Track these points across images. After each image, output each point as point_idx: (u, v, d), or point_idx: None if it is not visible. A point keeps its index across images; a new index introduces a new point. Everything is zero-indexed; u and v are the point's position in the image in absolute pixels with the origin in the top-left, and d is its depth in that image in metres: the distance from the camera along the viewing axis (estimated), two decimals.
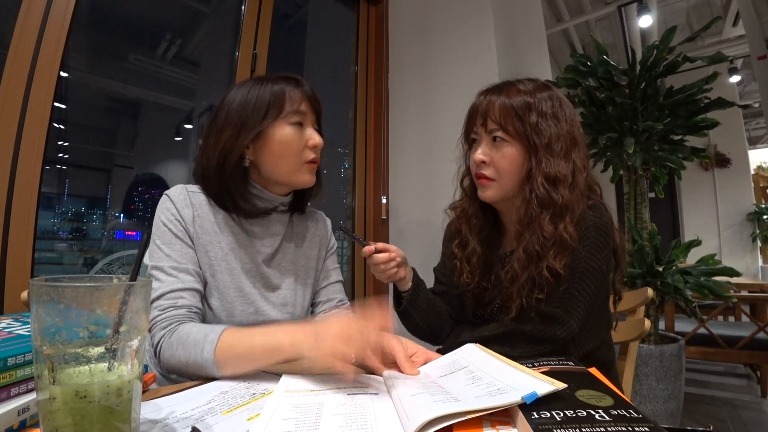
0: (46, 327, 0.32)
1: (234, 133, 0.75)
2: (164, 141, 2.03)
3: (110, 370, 0.34)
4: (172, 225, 0.75)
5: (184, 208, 0.77)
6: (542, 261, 0.72)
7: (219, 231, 0.79)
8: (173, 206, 0.76)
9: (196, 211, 0.78)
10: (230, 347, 0.61)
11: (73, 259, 1.61)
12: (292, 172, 0.79)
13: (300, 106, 0.78)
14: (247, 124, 0.75)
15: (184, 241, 0.75)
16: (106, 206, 1.75)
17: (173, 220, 0.75)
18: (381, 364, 0.64)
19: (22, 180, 1.11)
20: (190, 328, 0.65)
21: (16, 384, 0.41)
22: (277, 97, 0.77)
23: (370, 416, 0.45)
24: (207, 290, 0.76)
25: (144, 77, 1.82)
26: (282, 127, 0.77)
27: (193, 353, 0.62)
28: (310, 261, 0.90)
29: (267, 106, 0.76)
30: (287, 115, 0.77)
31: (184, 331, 0.64)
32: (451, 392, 0.48)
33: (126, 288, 0.35)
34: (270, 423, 0.43)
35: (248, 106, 0.76)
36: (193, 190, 0.80)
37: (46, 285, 0.32)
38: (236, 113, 0.76)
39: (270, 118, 0.76)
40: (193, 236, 0.76)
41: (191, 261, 0.75)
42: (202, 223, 0.78)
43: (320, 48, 2.43)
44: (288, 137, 0.77)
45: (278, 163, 0.78)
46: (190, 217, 0.77)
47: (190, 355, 0.62)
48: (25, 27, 1.14)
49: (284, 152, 0.77)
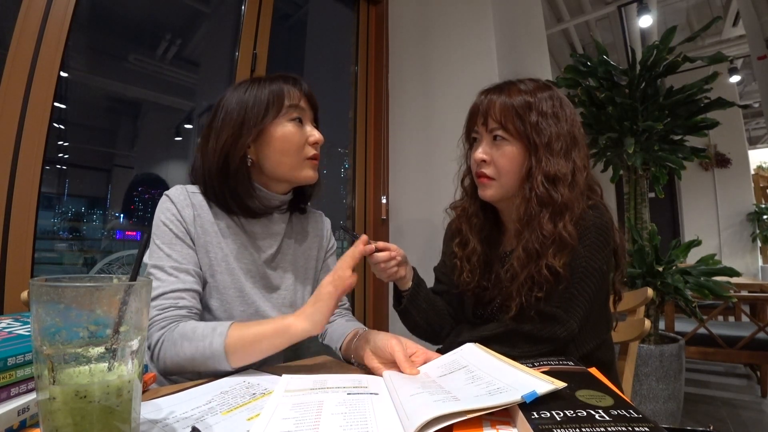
0: (46, 327, 0.32)
1: (235, 133, 0.75)
2: (164, 141, 2.03)
3: (110, 370, 0.34)
4: (172, 225, 0.75)
5: (184, 208, 0.77)
6: (541, 259, 0.72)
7: (219, 231, 0.79)
8: (174, 206, 0.76)
9: (197, 211, 0.78)
10: (240, 336, 0.63)
11: (73, 259, 1.61)
12: (295, 168, 0.79)
13: (299, 102, 0.79)
14: (248, 123, 0.76)
15: (185, 242, 0.75)
16: (106, 206, 1.75)
17: (174, 220, 0.75)
18: (381, 364, 0.64)
19: (22, 180, 1.11)
20: (194, 324, 0.66)
21: (16, 384, 0.41)
22: (276, 95, 0.77)
23: (370, 416, 0.45)
24: (206, 290, 0.76)
25: (144, 77, 1.82)
26: (282, 124, 0.77)
27: (201, 346, 0.62)
28: (309, 261, 0.90)
29: (266, 105, 0.76)
30: (287, 111, 0.78)
31: (189, 327, 0.65)
32: (450, 392, 0.48)
33: (126, 288, 0.35)
34: (270, 423, 0.43)
35: (247, 105, 0.76)
36: (192, 190, 0.80)
37: (46, 285, 0.32)
38: (235, 113, 0.76)
39: (270, 116, 0.76)
40: (194, 236, 0.76)
41: (192, 262, 0.74)
42: (202, 224, 0.78)
43: (320, 48, 2.43)
44: (289, 134, 0.78)
45: (281, 160, 0.78)
46: (191, 217, 0.77)
47: (198, 348, 0.62)
48: (25, 27, 1.14)
49: (286, 149, 0.78)
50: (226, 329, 0.63)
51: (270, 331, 0.63)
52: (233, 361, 0.62)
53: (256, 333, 0.63)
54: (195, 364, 0.63)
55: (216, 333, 0.63)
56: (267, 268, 0.83)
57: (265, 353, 0.64)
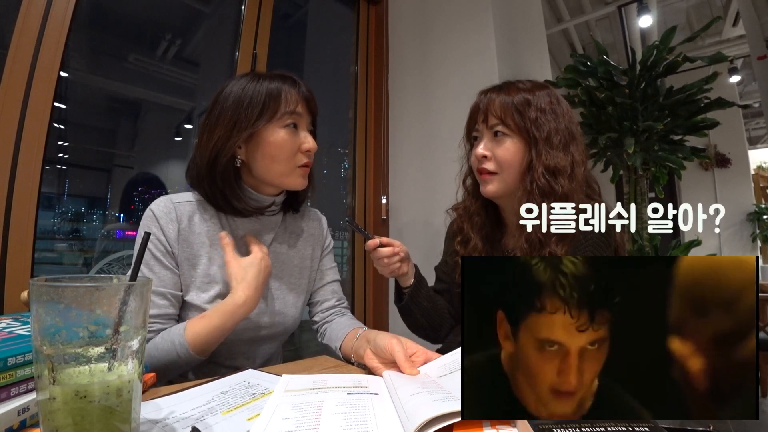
0: (46, 327, 0.32)
1: (226, 132, 0.74)
2: (164, 141, 2.03)
3: (110, 370, 0.34)
4: (152, 246, 0.73)
5: (167, 225, 0.75)
6: (544, 248, 0.74)
7: (207, 242, 0.78)
8: (156, 223, 0.75)
9: (182, 224, 0.76)
10: (193, 327, 0.68)
11: (73, 259, 1.61)
12: (284, 175, 0.78)
13: (296, 108, 0.76)
14: (240, 124, 0.73)
15: (163, 263, 0.74)
16: (106, 206, 1.75)
17: (155, 240, 0.74)
18: (381, 364, 0.64)
19: (22, 180, 1.11)
20: (152, 341, 0.69)
21: (16, 384, 0.41)
22: (273, 98, 0.74)
23: (370, 416, 0.45)
24: (196, 301, 0.76)
25: (144, 77, 1.82)
26: (275, 129, 0.75)
27: (168, 348, 0.67)
28: (304, 260, 0.89)
29: (261, 107, 0.74)
30: (282, 117, 0.75)
31: (150, 345, 0.68)
32: (450, 392, 0.48)
33: (126, 288, 0.35)
34: (270, 423, 0.43)
35: (242, 104, 0.74)
36: (179, 200, 0.78)
37: (46, 285, 0.32)
38: (230, 111, 0.74)
39: (264, 119, 0.74)
40: (177, 253, 0.75)
41: (169, 285, 0.74)
42: (187, 237, 0.76)
43: (320, 48, 2.43)
44: (281, 141, 0.75)
45: (270, 165, 0.76)
46: (174, 233, 0.75)
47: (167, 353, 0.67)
48: (25, 27, 1.14)
49: (276, 155, 0.76)
50: (183, 329, 0.68)
51: (219, 311, 0.69)
52: (200, 351, 0.68)
53: (207, 316, 0.69)
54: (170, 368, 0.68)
55: (175, 333, 0.68)
56: None
57: (224, 332, 0.70)
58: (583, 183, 0.80)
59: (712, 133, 2.60)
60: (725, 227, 5.24)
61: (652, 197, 2.16)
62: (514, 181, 0.82)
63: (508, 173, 0.81)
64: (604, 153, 2.14)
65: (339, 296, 0.92)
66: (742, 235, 5.19)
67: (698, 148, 2.06)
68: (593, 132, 2.07)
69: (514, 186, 0.82)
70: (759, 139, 7.51)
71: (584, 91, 2.10)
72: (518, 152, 0.81)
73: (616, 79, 2.08)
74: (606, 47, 2.43)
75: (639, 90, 2.04)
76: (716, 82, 1.95)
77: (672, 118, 1.98)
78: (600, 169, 2.23)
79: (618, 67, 2.08)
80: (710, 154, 5.17)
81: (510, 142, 0.81)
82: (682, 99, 1.95)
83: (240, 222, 0.82)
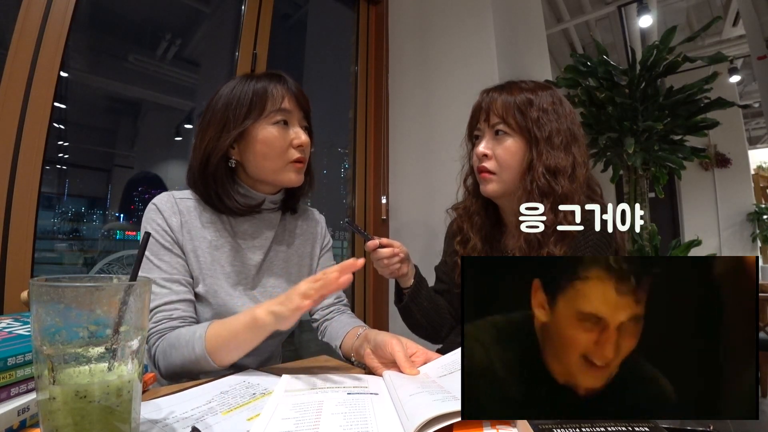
0: (46, 327, 0.32)
1: (216, 133, 0.75)
2: (164, 141, 2.03)
3: (110, 370, 0.34)
4: (159, 236, 0.74)
5: (171, 216, 0.76)
6: (543, 248, 0.74)
7: (208, 238, 0.78)
8: (160, 215, 0.75)
9: (184, 218, 0.77)
10: (217, 336, 0.63)
11: (73, 259, 1.61)
12: (277, 171, 0.78)
13: (282, 104, 0.76)
14: (229, 124, 0.75)
15: (173, 252, 0.74)
16: (106, 206, 1.75)
17: (160, 230, 0.74)
18: (381, 364, 0.64)
19: (22, 180, 1.11)
20: (178, 331, 0.67)
21: (16, 384, 0.41)
22: (260, 96, 0.75)
23: (370, 416, 0.45)
24: (198, 298, 0.76)
25: (144, 77, 1.82)
26: (264, 127, 0.76)
27: (186, 353, 0.63)
28: (303, 259, 0.89)
29: (249, 106, 0.75)
30: (269, 114, 0.76)
31: (174, 335, 0.66)
32: (450, 392, 0.48)
33: (126, 288, 0.35)
34: (270, 423, 0.43)
35: (231, 105, 0.75)
36: (180, 196, 0.79)
37: (46, 285, 0.32)
38: (220, 113, 0.76)
39: (251, 118, 0.75)
40: (182, 243, 0.75)
41: (182, 271, 0.74)
42: (190, 229, 0.77)
43: (320, 48, 2.43)
44: (271, 137, 0.76)
45: (262, 163, 0.77)
46: (178, 224, 0.76)
47: (184, 355, 0.63)
48: (25, 27, 1.13)
49: (268, 152, 0.76)
50: (205, 331, 0.64)
51: (242, 327, 0.62)
52: (218, 361, 0.62)
53: (231, 331, 0.63)
54: (187, 369, 0.64)
55: (196, 337, 0.64)
56: (258, 273, 0.82)
57: (246, 347, 0.63)
58: (584, 184, 0.80)
59: (712, 133, 2.60)
60: (725, 227, 5.24)
61: (652, 197, 2.16)
62: (514, 180, 0.82)
63: (507, 173, 0.81)
64: (604, 153, 2.15)
65: (338, 294, 0.92)
66: (742, 235, 5.19)
67: (698, 148, 2.06)
68: (593, 132, 2.07)
69: (513, 186, 0.82)
70: (759, 139, 7.51)
71: (584, 91, 2.10)
72: (519, 151, 0.80)
73: (616, 79, 2.08)
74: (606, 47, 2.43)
75: (639, 90, 2.04)
76: (716, 82, 1.95)
77: (672, 118, 1.98)
78: (600, 169, 2.23)
79: (618, 67, 2.08)
80: (710, 154, 5.17)
81: (511, 141, 0.81)
82: (682, 99, 1.95)
83: (239, 221, 0.82)
